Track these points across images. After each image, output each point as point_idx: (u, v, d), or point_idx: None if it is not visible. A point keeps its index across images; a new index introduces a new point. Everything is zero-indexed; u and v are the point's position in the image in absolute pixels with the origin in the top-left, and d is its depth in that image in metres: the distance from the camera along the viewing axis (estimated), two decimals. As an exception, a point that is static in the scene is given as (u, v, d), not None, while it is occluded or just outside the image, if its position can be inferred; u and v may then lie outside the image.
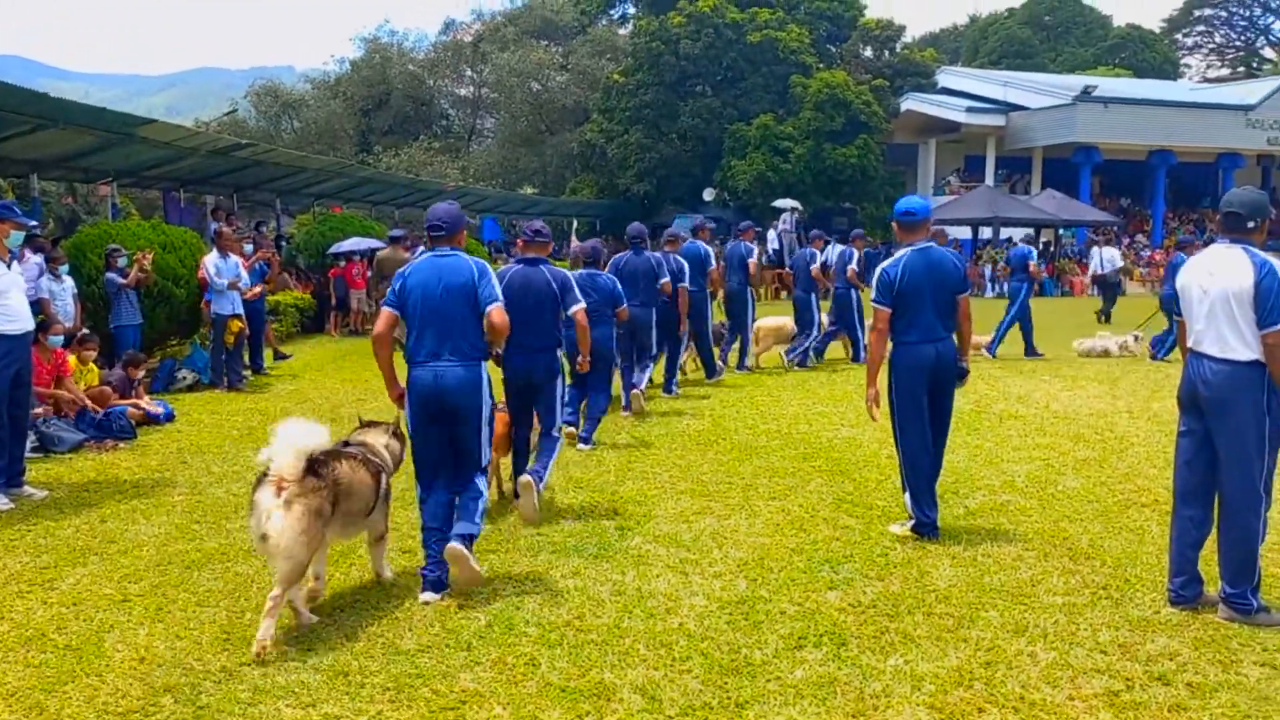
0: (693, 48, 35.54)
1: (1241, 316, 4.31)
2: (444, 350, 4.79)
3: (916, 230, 5.64)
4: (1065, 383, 11.42)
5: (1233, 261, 4.37)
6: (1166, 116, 34.87)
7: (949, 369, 5.56)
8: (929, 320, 5.48)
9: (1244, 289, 4.29)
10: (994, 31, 70.05)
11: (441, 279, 4.80)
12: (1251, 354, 4.30)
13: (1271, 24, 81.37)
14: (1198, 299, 4.49)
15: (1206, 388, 4.43)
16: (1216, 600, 4.49)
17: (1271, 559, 5.13)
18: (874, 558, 5.23)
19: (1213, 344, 4.41)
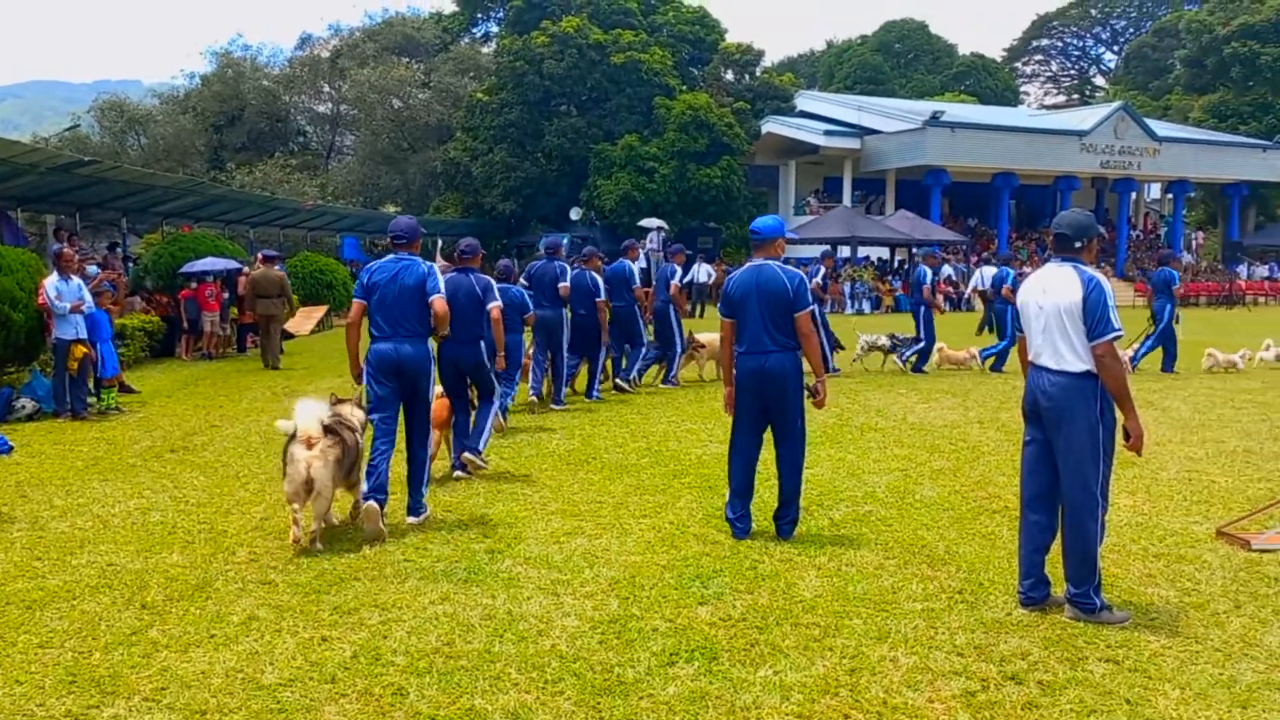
0: (557, 67, 35.66)
1: (1073, 330, 4.57)
2: (400, 330, 6.12)
3: (764, 248, 5.90)
4: (921, 395, 11.85)
5: (1063, 279, 4.64)
6: (1009, 141, 36.71)
7: (775, 382, 5.75)
8: (755, 333, 5.76)
9: (1074, 304, 4.55)
10: (848, 57, 72.59)
11: (399, 277, 6.14)
12: (1084, 365, 4.56)
13: (1102, 54, 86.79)
14: (1034, 315, 4.75)
15: (1046, 399, 4.67)
16: (1063, 601, 4.72)
17: (1112, 560, 5.43)
18: (743, 571, 5.31)
19: (1050, 357, 4.66)
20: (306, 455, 5.59)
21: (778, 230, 6.00)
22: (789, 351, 5.76)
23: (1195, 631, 4.50)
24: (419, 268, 6.17)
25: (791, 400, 5.81)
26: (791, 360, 5.77)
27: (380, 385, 6.14)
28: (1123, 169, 38.30)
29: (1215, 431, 9.44)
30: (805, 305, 5.76)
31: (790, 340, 5.75)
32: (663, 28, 40.05)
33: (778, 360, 5.75)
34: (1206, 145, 40.51)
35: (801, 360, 5.83)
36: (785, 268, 5.87)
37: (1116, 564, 5.41)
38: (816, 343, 5.86)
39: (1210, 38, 44.87)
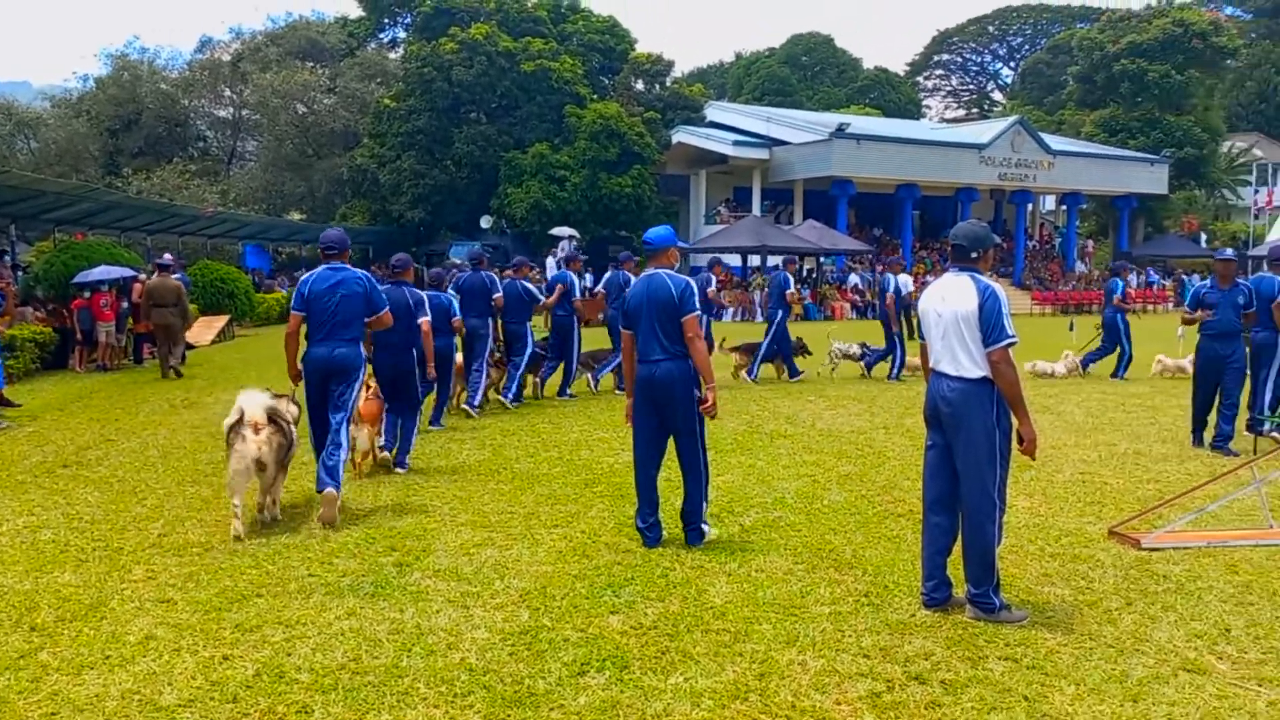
0: (466, 74, 35.40)
1: (970, 337, 4.71)
2: (335, 336, 6.67)
3: (656, 257, 6.02)
4: (829, 402, 12.05)
5: (960, 288, 4.78)
6: (912, 153, 37.61)
7: (664, 389, 5.79)
8: (646, 342, 5.84)
9: (970, 312, 4.70)
10: (756, 69, 73.60)
11: (337, 288, 6.70)
12: (981, 372, 4.70)
13: (1000, 70, 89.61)
14: (934, 323, 4.89)
15: (945, 404, 4.80)
16: (964, 601, 4.84)
17: (1010, 560, 5.59)
18: (655, 579, 5.32)
19: (949, 364, 4.80)
20: (255, 439, 6.18)
21: (669, 239, 6.07)
22: (679, 360, 5.78)
23: (1089, 629, 4.66)
24: (358, 277, 6.80)
25: (683, 408, 5.83)
26: (681, 368, 5.78)
27: (314, 388, 6.74)
28: (1019, 181, 39.56)
29: (1107, 435, 9.80)
30: (691, 309, 5.77)
31: (680, 348, 5.78)
32: (573, 36, 40.06)
33: (667, 369, 5.78)
34: (1098, 159, 42.11)
35: (693, 368, 5.81)
36: (673, 275, 5.90)
37: (1015, 564, 5.57)
38: (704, 348, 5.85)
39: (1101, 55, 46.62)
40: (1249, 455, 8.33)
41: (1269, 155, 59.39)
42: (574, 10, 41.63)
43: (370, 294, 6.81)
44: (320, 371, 6.69)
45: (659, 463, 6.03)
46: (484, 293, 10.86)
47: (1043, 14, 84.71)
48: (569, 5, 41.75)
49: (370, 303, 6.82)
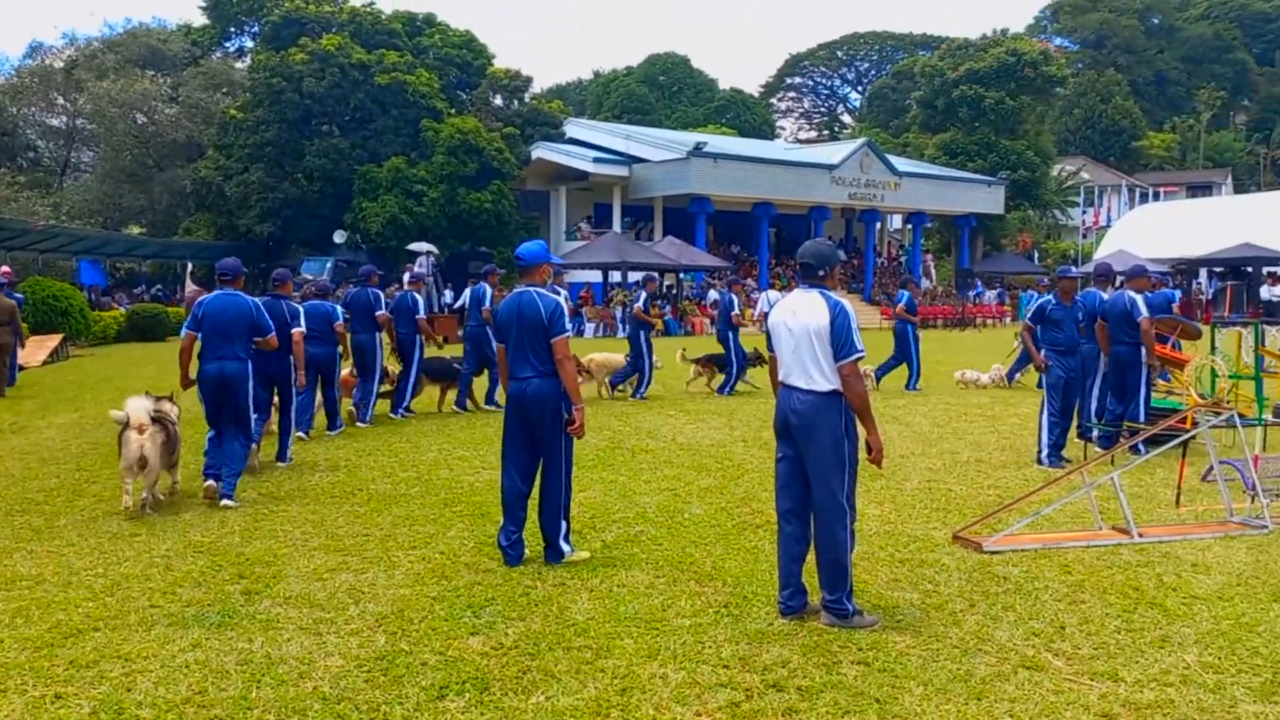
0: (317, 86, 34.53)
1: (821, 352, 4.86)
2: (226, 352, 7.52)
3: (528, 273, 5.98)
4: (689, 417, 12.21)
5: (811, 304, 4.94)
6: (767, 172, 38.57)
7: (533, 406, 5.79)
8: (515, 359, 5.86)
9: (822, 327, 4.85)
10: (615, 87, 74.26)
11: (227, 310, 7.59)
12: (830, 385, 4.86)
13: (849, 94, 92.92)
14: (785, 338, 5.02)
15: (795, 416, 4.94)
16: (819, 608, 4.96)
17: (862, 567, 5.76)
18: (516, 598, 5.27)
19: (799, 377, 4.94)
20: (139, 438, 6.97)
21: (541, 256, 6.02)
22: (549, 378, 5.77)
23: (936, 630, 4.84)
24: (246, 302, 7.75)
25: (551, 427, 5.82)
26: (551, 386, 5.77)
27: (209, 401, 7.61)
28: (868, 201, 41.04)
29: (951, 444, 10.23)
30: (560, 331, 5.76)
31: (550, 367, 5.77)
32: (429, 50, 39.58)
33: (537, 386, 5.77)
34: (940, 180, 44.10)
35: (562, 386, 5.80)
36: (543, 293, 5.87)
37: (866, 571, 5.74)
38: (572, 370, 5.84)
39: (941, 82, 48.87)
40: (1079, 461, 8.82)
41: (1095, 178, 63.50)
42: (430, 24, 41.17)
43: (257, 319, 7.76)
44: (213, 385, 7.55)
45: (529, 480, 5.96)
46: (370, 309, 11.42)
47: (887, 41, 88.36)
48: (425, 18, 41.27)
49: (257, 327, 7.76)
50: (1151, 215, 47.26)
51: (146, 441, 6.94)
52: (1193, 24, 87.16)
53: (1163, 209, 49.68)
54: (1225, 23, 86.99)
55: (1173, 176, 70.37)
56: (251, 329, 7.69)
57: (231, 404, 7.58)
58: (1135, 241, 39.90)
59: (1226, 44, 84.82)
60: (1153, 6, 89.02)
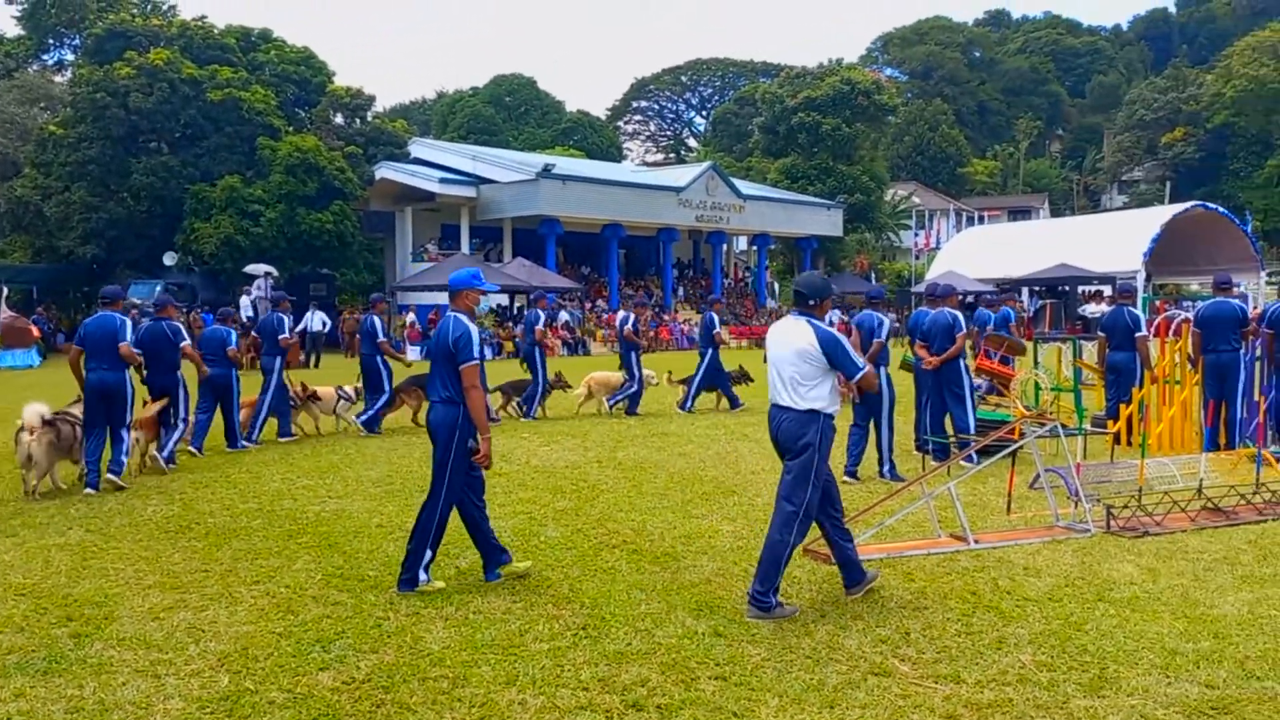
0: (145, 101, 32.95)
1: (800, 374, 5.37)
2: (103, 365, 8.85)
3: (454, 298, 5.99)
4: (543, 439, 12.15)
5: (799, 330, 5.43)
6: (615, 194, 38.91)
7: (434, 433, 5.81)
8: (433, 383, 5.92)
9: (807, 350, 5.34)
10: (461, 108, 73.70)
11: (103, 327, 8.93)
12: (806, 405, 5.37)
13: (693, 118, 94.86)
14: (771, 360, 5.55)
15: (780, 432, 5.47)
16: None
17: (718, 583, 5.84)
18: (367, 630, 5.11)
19: (782, 397, 5.48)
20: (28, 439, 8.36)
21: (464, 282, 5.99)
22: (450, 405, 5.73)
23: (789, 642, 4.94)
24: (114, 320, 8.98)
25: (440, 454, 5.75)
26: (449, 414, 5.71)
27: (90, 406, 8.87)
28: (715, 223, 41.91)
29: (799, 458, 10.49)
30: (467, 359, 5.69)
31: (454, 393, 5.72)
32: (265, 66, 38.32)
33: (439, 412, 5.78)
34: (782, 203, 45.44)
35: (464, 414, 5.72)
36: (458, 319, 5.83)
37: (721, 586, 5.83)
38: (478, 399, 5.75)
39: (781, 108, 50.46)
40: (919, 472, 9.19)
41: (926, 202, 66.71)
42: (266, 39, 39.89)
43: (119, 330, 8.93)
44: (95, 392, 8.83)
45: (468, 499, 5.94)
46: (275, 334, 12.25)
47: (729, 68, 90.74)
48: (260, 34, 39.96)
49: (117, 338, 8.92)
50: (977, 238, 49.89)
51: (34, 442, 8.37)
52: (1011, 58, 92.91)
53: (987, 232, 52.56)
54: (1041, 56, 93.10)
55: (995, 201, 74.60)
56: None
57: (113, 408, 8.87)
58: (963, 262, 42.08)
59: (1042, 77, 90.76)
60: (974, 40, 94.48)
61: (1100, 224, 47.66)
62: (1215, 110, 71.10)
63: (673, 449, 11.26)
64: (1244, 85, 68.15)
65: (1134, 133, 77.51)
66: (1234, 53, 71.61)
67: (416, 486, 8.96)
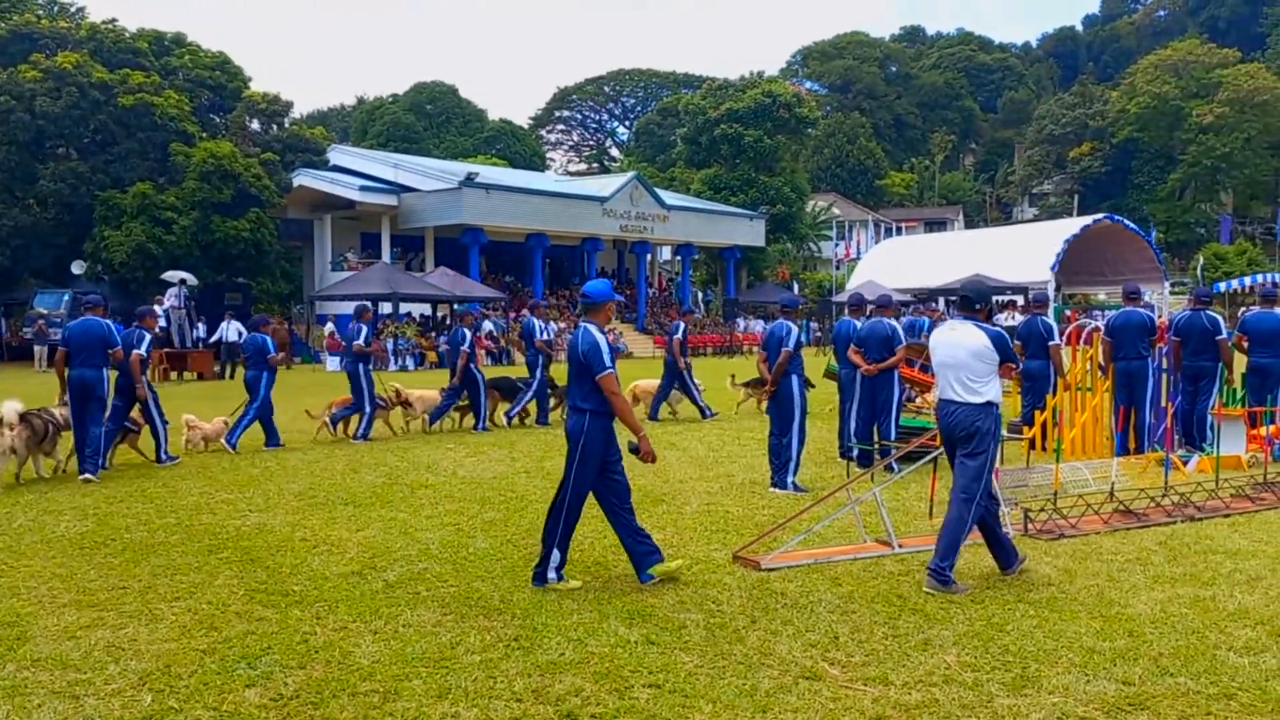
0: (52, 106, 31.92)
1: (974, 373, 6.04)
2: (88, 363, 9.92)
3: (592, 310, 6.18)
4: (469, 450, 12.05)
5: (969, 330, 6.07)
6: (539, 204, 38.86)
7: (569, 437, 6.14)
8: (571, 392, 6.25)
9: (980, 348, 6.01)
10: (381, 115, 72.88)
11: (89, 330, 10.02)
12: (983, 398, 6.05)
13: (616, 128, 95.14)
14: (945, 358, 6.13)
15: (954, 423, 6.13)
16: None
17: (650, 590, 5.86)
18: (294, 646, 5.02)
19: (955, 393, 6.08)
20: (9, 434, 9.42)
21: (605, 294, 6.22)
22: (581, 414, 6.04)
23: (722, 648, 4.98)
24: (101, 324, 10.11)
25: (569, 459, 6.12)
26: (579, 422, 6.03)
27: (76, 402, 9.92)
28: (639, 233, 42.11)
29: (727, 467, 10.60)
30: (602, 368, 5.90)
31: (589, 403, 5.99)
32: (178, 71, 37.41)
33: (572, 419, 6.14)
34: (706, 214, 45.87)
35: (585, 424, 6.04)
36: (587, 331, 6.00)
37: (652, 594, 5.85)
38: (621, 404, 6.02)
39: (704, 119, 50.92)
40: (844, 480, 9.34)
41: (845, 213, 67.88)
42: (179, 44, 38.95)
43: (108, 335, 10.08)
44: (76, 388, 9.91)
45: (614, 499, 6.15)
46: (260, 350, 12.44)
47: (652, 78, 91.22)
48: (174, 38, 39.01)
49: (108, 342, 10.07)
50: (895, 248, 50.85)
51: (15, 436, 9.46)
52: (926, 73, 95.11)
53: (905, 243, 53.57)
54: (954, 72, 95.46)
55: (913, 213, 76.25)
56: (105, 345, 10.02)
57: (93, 401, 9.92)
58: (882, 273, 42.82)
59: (956, 92, 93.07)
60: (891, 56, 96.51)
61: (1012, 235, 48.98)
62: (1120, 126, 73.72)
63: (600, 458, 11.25)
64: (1147, 102, 70.81)
65: (1043, 147, 79.91)
66: (1137, 71, 74.38)
67: (340, 499, 8.84)
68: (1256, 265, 59.04)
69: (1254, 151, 68.23)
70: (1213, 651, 4.92)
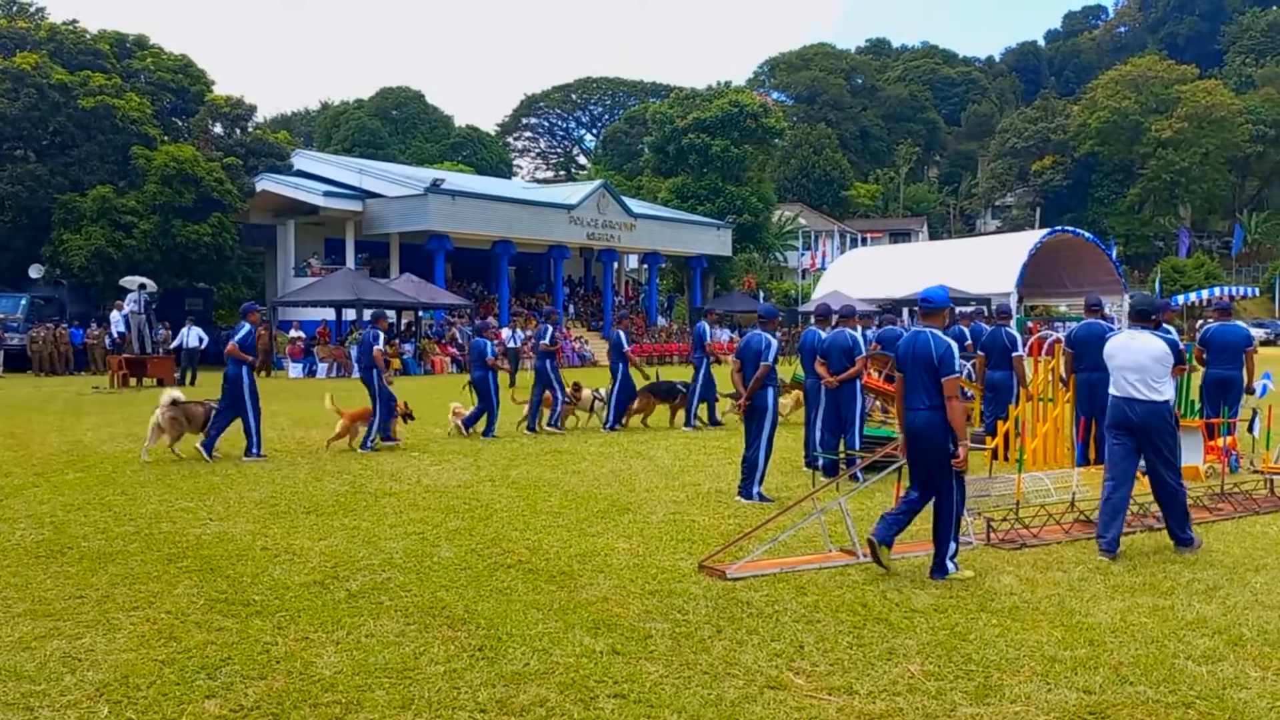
0: (11, 107, 31.49)
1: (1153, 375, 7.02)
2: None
3: (931, 315, 6.73)
4: (434, 458, 11.98)
5: (1147, 338, 7.09)
6: (506, 211, 38.74)
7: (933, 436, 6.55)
8: (915, 392, 6.66)
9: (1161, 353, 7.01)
10: (345, 120, 72.47)
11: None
12: (1163, 396, 7.05)
13: (584, 136, 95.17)
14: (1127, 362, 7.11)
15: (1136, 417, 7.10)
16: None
17: (615, 600, 5.84)
18: (254, 656, 4.95)
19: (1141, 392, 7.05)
20: (159, 412, 11.08)
21: (946, 301, 6.80)
22: (935, 411, 6.47)
23: (687, 658, 4.98)
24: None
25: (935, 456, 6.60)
26: (935, 419, 6.46)
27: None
28: (606, 241, 42.12)
29: (693, 476, 10.60)
30: (951, 371, 6.40)
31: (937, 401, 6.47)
32: (140, 74, 36.99)
33: (924, 418, 6.58)
34: (673, 222, 45.97)
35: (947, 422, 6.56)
36: (937, 335, 6.54)
37: (618, 604, 5.84)
38: (958, 408, 6.46)
39: (671, 128, 51.05)
40: (809, 489, 9.38)
41: (811, 223, 68.32)
42: (142, 46, 38.54)
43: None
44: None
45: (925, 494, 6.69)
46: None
47: (620, 87, 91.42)
48: (136, 40, 38.60)
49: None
50: (861, 259, 51.34)
51: (163, 413, 11.22)
52: (891, 85, 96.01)
53: (870, 253, 54.09)
54: (919, 85, 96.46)
55: (878, 223, 76.91)
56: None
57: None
58: (848, 283, 43.17)
59: (920, 105, 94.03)
60: (857, 67, 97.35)
61: (976, 247, 49.62)
62: (1081, 140, 74.82)
63: (567, 467, 11.24)
64: (1107, 116, 71.93)
65: (1006, 160, 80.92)
66: (1098, 85, 75.55)
67: (302, 507, 8.75)
68: (1214, 279, 60.16)
69: (1211, 166, 69.51)
70: (1171, 660, 4.98)
